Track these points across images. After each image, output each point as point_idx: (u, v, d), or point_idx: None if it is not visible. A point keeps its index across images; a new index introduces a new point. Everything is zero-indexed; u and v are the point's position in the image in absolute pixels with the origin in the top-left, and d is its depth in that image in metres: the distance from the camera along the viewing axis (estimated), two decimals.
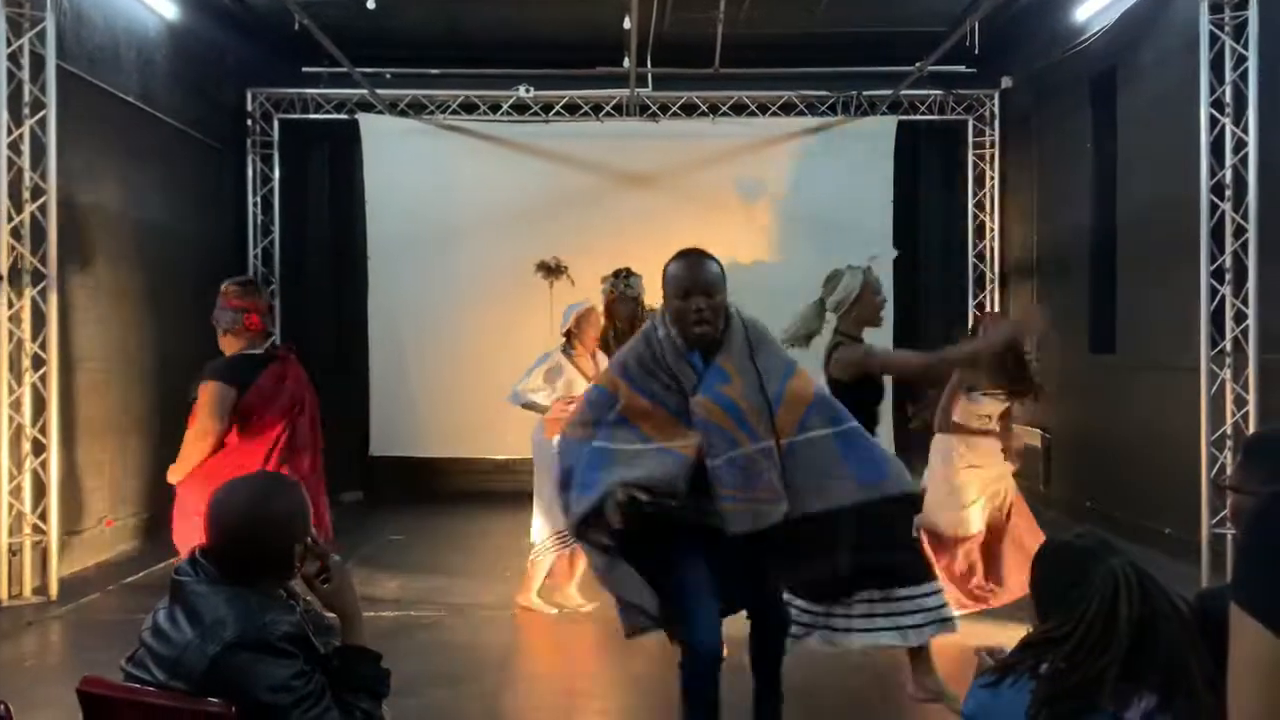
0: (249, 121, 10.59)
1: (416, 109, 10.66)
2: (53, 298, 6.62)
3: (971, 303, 10.93)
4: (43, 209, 6.62)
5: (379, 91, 10.36)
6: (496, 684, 5.17)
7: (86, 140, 7.44)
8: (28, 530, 6.59)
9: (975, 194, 10.95)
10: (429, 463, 10.50)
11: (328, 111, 10.69)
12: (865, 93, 10.56)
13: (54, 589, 6.55)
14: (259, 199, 10.69)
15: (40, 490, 6.65)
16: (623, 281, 6.15)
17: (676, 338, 3.36)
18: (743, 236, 10.48)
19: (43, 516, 6.63)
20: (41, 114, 6.61)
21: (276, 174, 10.73)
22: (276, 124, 10.71)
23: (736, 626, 3.57)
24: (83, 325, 7.43)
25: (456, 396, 9.91)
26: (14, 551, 6.57)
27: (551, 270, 7.00)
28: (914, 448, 6.07)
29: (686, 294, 3.33)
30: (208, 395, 4.97)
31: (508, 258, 9.68)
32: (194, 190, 9.44)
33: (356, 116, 10.59)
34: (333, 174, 11.23)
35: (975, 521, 5.65)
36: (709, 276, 3.37)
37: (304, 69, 10.44)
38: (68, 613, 6.34)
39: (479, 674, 5.24)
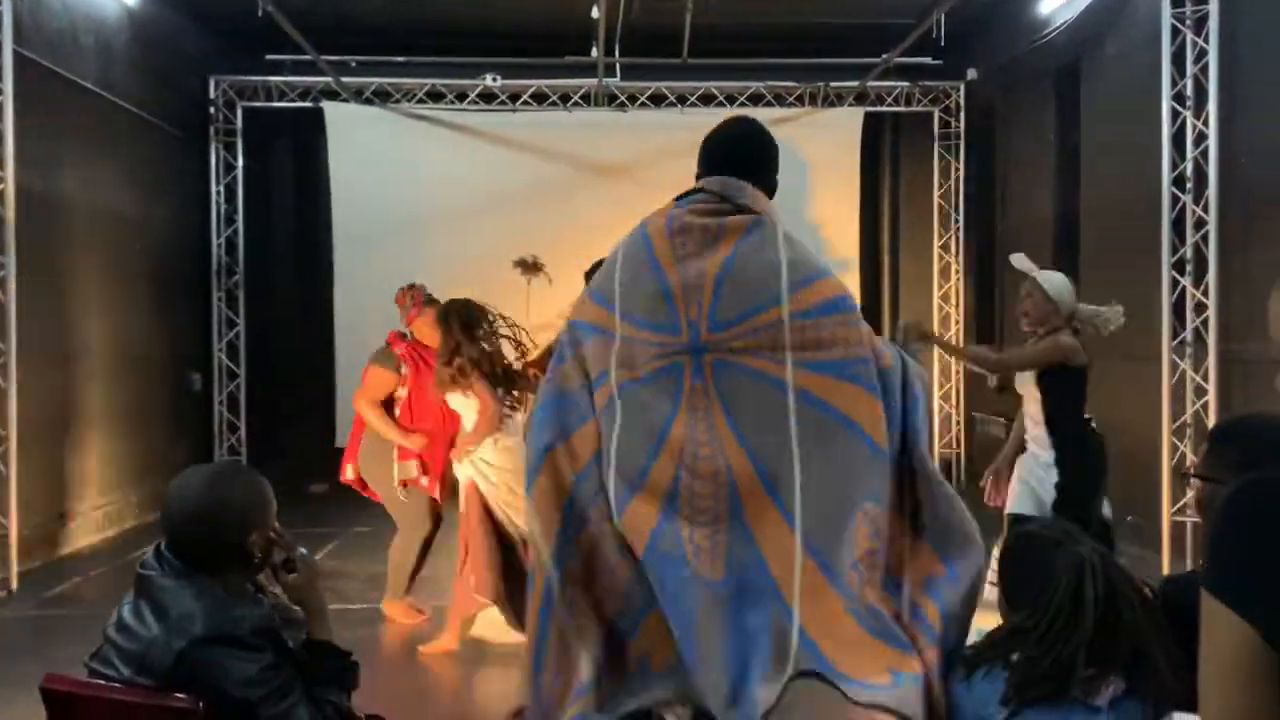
0: (211, 109, 10.46)
1: (382, 97, 10.57)
2: (11, 288, 6.51)
3: (937, 293, 11.02)
4: (0, 198, 6.50)
5: (344, 79, 10.26)
6: (466, 676, 5.15)
7: (45, 128, 7.31)
8: None
9: (940, 185, 11.02)
10: None
11: (292, 99, 10.57)
12: (832, 84, 10.59)
13: (14, 584, 6.47)
14: (222, 188, 10.56)
15: None
16: None
17: None
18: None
19: (2, 510, 6.53)
20: None
21: (240, 163, 10.61)
22: (240, 112, 10.58)
23: None
24: (42, 316, 7.31)
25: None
26: None
27: (530, 267, 6.90)
28: None
29: None
30: None
31: (476, 248, 9.63)
32: (155, 179, 9.32)
33: (321, 105, 10.49)
34: (297, 163, 11.13)
35: None
36: None
37: (267, 56, 10.31)
38: (29, 608, 6.25)
39: (448, 665, 5.22)
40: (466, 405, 5.17)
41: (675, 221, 2.30)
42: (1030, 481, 4.68)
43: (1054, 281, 4.82)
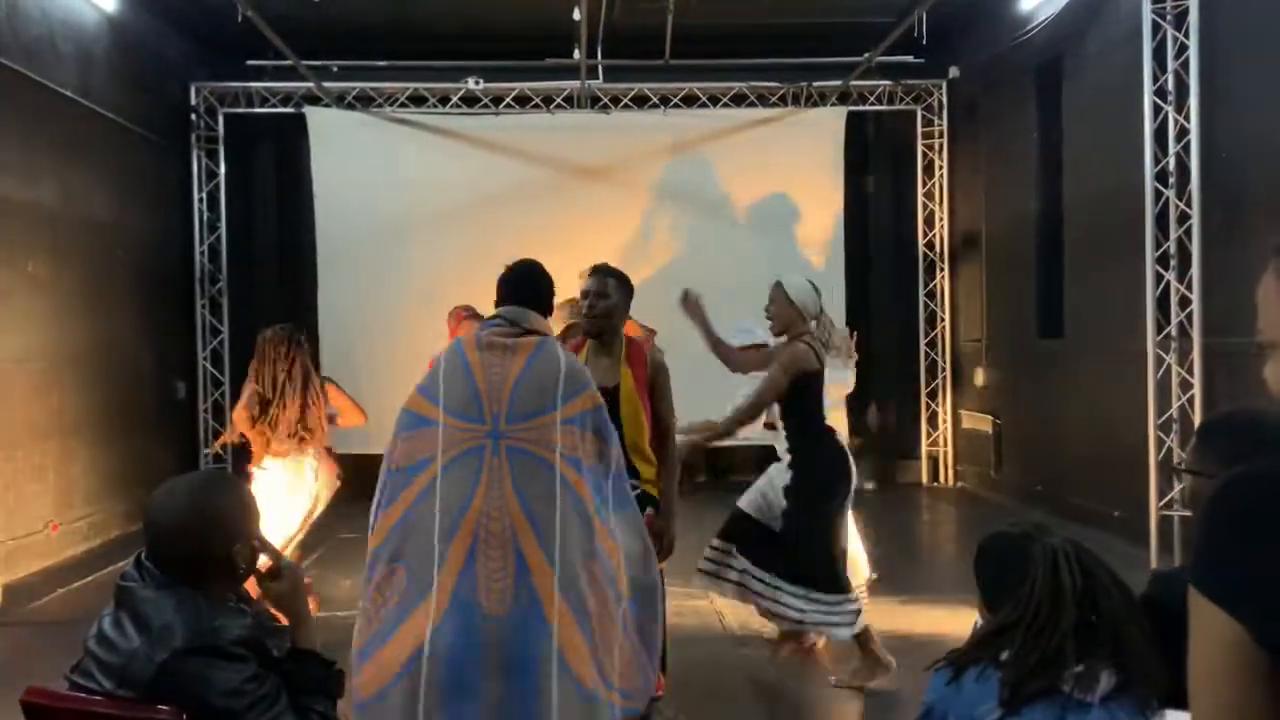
0: (193, 116, 10.41)
1: (364, 102, 10.54)
2: None
3: (923, 291, 11.03)
4: None
5: (326, 84, 10.22)
6: None
7: (24, 136, 7.26)
8: None
9: (924, 183, 11.04)
10: (381, 460, 10.39)
11: (273, 105, 10.53)
12: (815, 84, 10.59)
13: None
14: (204, 195, 10.51)
15: None
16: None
17: None
18: (695, 229, 10.49)
19: None
20: None
21: (222, 169, 10.56)
22: (221, 118, 10.53)
23: None
24: (24, 325, 7.26)
25: (408, 394, 9.80)
26: None
27: None
28: None
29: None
30: None
31: (459, 252, 9.60)
32: (137, 186, 9.27)
33: (303, 110, 10.45)
34: (280, 169, 11.07)
35: None
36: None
37: (248, 62, 10.28)
38: (13, 620, 6.19)
39: None
40: None
41: (483, 340, 3.21)
42: (763, 484, 4.83)
43: (797, 285, 4.82)
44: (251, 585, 2.27)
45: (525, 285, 3.40)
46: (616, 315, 4.14)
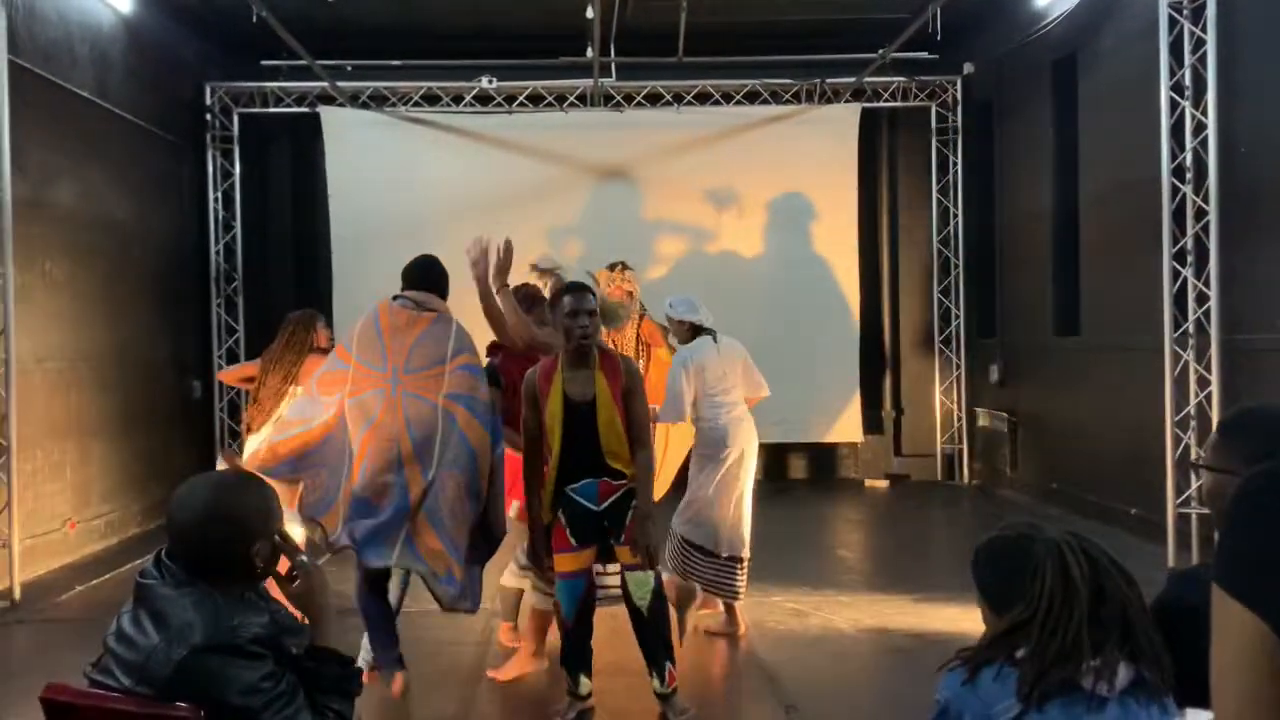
0: (208, 116, 10.46)
1: (378, 101, 10.57)
2: (10, 296, 6.50)
3: (937, 288, 11.00)
4: None
5: (340, 84, 10.25)
6: (471, 682, 5.13)
7: (42, 137, 7.30)
8: None
9: (939, 180, 11.00)
10: None
11: (288, 105, 10.57)
12: (829, 80, 10.57)
13: (16, 593, 6.45)
14: (220, 194, 10.56)
15: (0, 493, 6.53)
16: (618, 274, 6.13)
17: None
18: (709, 226, 10.48)
19: (4, 519, 6.51)
20: None
21: (237, 169, 10.60)
22: (236, 118, 10.58)
23: None
24: (41, 325, 7.30)
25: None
26: None
27: (546, 272, 6.84)
28: None
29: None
30: None
31: None
32: (153, 187, 9.31)
33: (318, 110, 10.48)
34: (294, 168, 11.11)
35: None
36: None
37: (263, 62, 10.31)
38: (32, 617, 6.24)
39: (454, 672, 5.21)
40: None
41: (394, 308, 4.36)
42: None
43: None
44: (271, 584, 2.29)
45: (430, 275, 4.52)
46: (598, 331, 4.39)
